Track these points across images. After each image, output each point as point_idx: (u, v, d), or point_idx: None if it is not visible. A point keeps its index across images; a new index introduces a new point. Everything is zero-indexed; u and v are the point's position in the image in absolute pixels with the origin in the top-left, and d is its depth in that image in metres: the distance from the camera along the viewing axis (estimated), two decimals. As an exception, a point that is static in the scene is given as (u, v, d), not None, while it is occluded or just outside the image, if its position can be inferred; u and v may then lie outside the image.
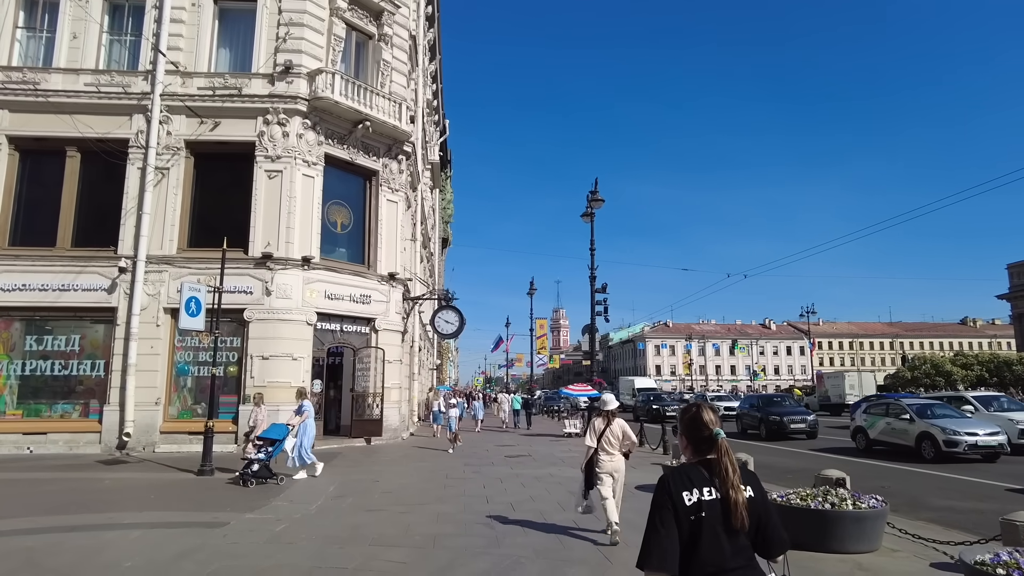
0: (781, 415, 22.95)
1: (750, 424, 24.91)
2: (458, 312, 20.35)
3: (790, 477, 12.68)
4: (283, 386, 16.84)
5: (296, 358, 17.11)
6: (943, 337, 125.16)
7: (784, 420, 22.55)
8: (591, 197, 24.17)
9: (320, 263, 18.00)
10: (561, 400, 39.35)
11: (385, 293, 19.56)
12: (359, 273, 19.07)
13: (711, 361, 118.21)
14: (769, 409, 24.10)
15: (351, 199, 19.70)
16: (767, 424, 23.09)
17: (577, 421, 23.36)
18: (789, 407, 25.14)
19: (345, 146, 19.12)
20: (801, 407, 27.84)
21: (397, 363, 19.77)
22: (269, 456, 11.53)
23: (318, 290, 17.82)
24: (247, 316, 16.94)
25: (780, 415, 22.96)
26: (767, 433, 22.94)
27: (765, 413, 23.67)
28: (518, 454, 16.92)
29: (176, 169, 17.56)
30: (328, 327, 18.28)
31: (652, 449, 18.03)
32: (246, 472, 11.20)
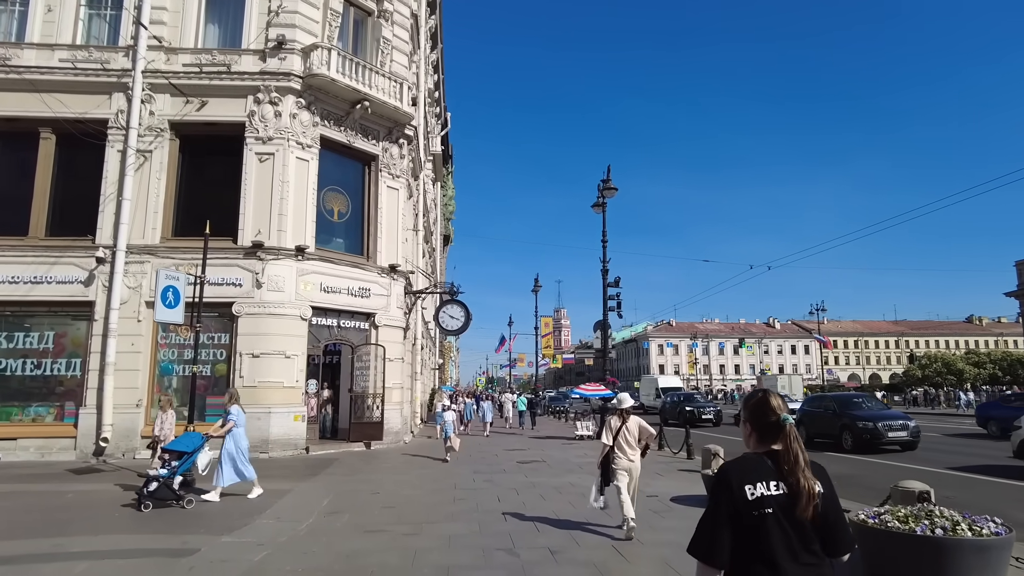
0: (874, 420, 17.98)
1: (821, 430, 19.79)
2: (464, 307, 19.01)
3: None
4: (275, 386, 15.55)
5: (289, 356, 15.78)
6: (949, 335, 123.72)
7: (878, 427, 17.57)
8: (603, 185, 22.88)
9: (315, 253, 16.67)
10: (572, 400, 37.92)
11: (385, 286, 18.23)
12: (357, 264, 17.74)
13: (715, 360, 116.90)
14: (853, 412, 18.96)
15: (349, 186, 18.37)
16: (854, 432, 18.04)
17: (590, 423, 22.05)
18: (879, 409, 20.06)
19: (342, 128, 17.79)
20: (897, 410, 24.01)
21: (399, 361, 18.44)
22: (173, 472, 9.33)
23: (313, 282, 16.49)
24: (236, 310, 15.61)
25: (873, 420, 17.98)
26: (855, 443, 17.82)
27: (850, 417, 18.65)
28: (530, 459, 15.59)
29: (159, 152, 16.22)
30: (324, 322, 16.94)
31: (674, 453, 16.69)
32: (142, 491, 9.03)
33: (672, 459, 15.93)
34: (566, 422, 33.05)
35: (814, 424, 20.09)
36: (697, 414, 30.14)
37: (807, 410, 21.35)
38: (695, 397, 35.43)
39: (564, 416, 35.24)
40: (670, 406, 33.23)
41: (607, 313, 22.94)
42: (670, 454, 16.92)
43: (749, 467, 2.14)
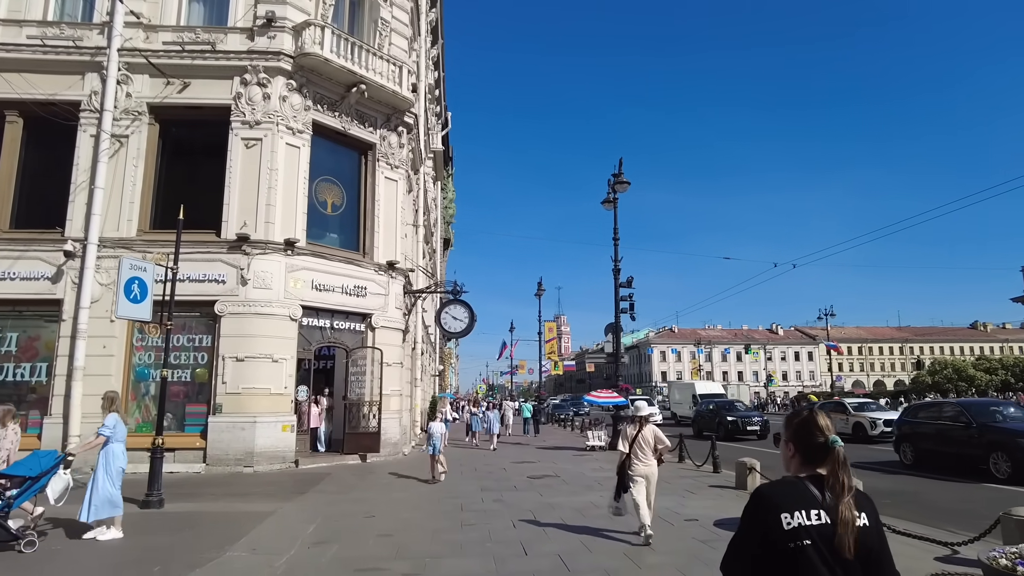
0: None
1: (940, 449, 14.82)
2: (468, 307, 17.60)
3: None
4: (262, 393, 14.14)
5: (277, 360, 14.37)
6: (954, 341, 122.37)
7: None
8: (615, 180, 21.56)
9: (306, 248, 15.29)
10: (587, 407, 37.23)
11: (383, 285, 16.83)
12: (352, 261, 16.35)
13: (718, 367, 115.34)
14: (1004, 425, 13.74)
15: (343, 176, 17.00)
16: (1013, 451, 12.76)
17: (602, 432, 20.60)
18: None
19: (337, 114, 16.44)
20: None
21: (397, 366, 17.02)
22: (8, 505, 7.04)
23: (304, 279, 15.10)
24: (219, 309, 14.21)
25: None
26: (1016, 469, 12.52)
27: (1001, 433, 13.29)
28: (542, 474, 14.16)
29: (137, 137, 14.86)
30: (316, 323, 15.54)
31: (697, 466, 15.27)
32: None
33: (697, 473, 14.51)
34: (572, 430, 31.61)
35: (925, 441, 15.33)
36: (741, 425, 25.37)
37: (914, 421, 16.24)
38: (735, 405, 29.46)
39: (571, 424, 33.76)
40: (706, 415, 28.42)
41: (619, 315, 21.57)
42: (693, 467, 15.51)
43: (788, 492, 1.96)
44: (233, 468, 13.63)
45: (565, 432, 31.31)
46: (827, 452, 1.99)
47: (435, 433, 12.90)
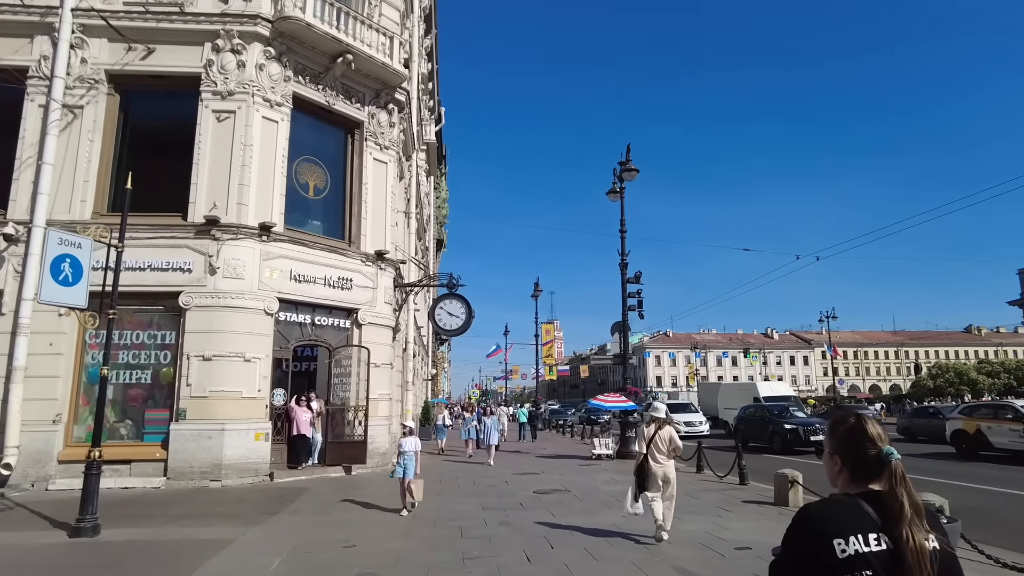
0: None
1: None
2: (465, 302, 15.93)
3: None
4: (232, 396, 12.47)
5: (250, 359, 12.70)
6: (948, 345, 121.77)
7: None
8: (622, 167, 20.03)
9: (284, 234, 13.65)
10: (603, 416, 32.05)
11: (371, 277, 15.18)
12: (337, 250, 14.70)
13: (713, 372, 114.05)
14: None
15: (328, 156, 15.38)
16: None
17: (608, 440, 18.99)
18: None
19: (320, 87, 14.83)
20: None
21: (386, 367, 15.37)
22: None
23: (281, 269, 13.45)
24: (184, 301, 12.53)
25: None
26: None
27: None
28: (549, 488, 12.52)
29: (93, 108, 13.18)
30: (295, 319, 13.88)
31: (720, 478, 13.72)
32: None
33: (721, 486, 12.96)
34: (572, 437, 29.99)
35: None
36: (803, 435, 20.39)
37: None
38: (789, 409, 23.89)
39: (570, 431, 32.12)
40: (754, 422, 23.75)
41: (627, 313, 20.00)
42: (715, 479, 13.96)
43: (840, 513, 1.68)
44: (198, 482, 11.93)
45: (564, 439, 29.66)
46: (882, 466, 1.72)
47: (408, 451, 9.71)
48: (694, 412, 30.22)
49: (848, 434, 1.82)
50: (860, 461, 1.77)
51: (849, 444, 1.81)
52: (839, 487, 1.84)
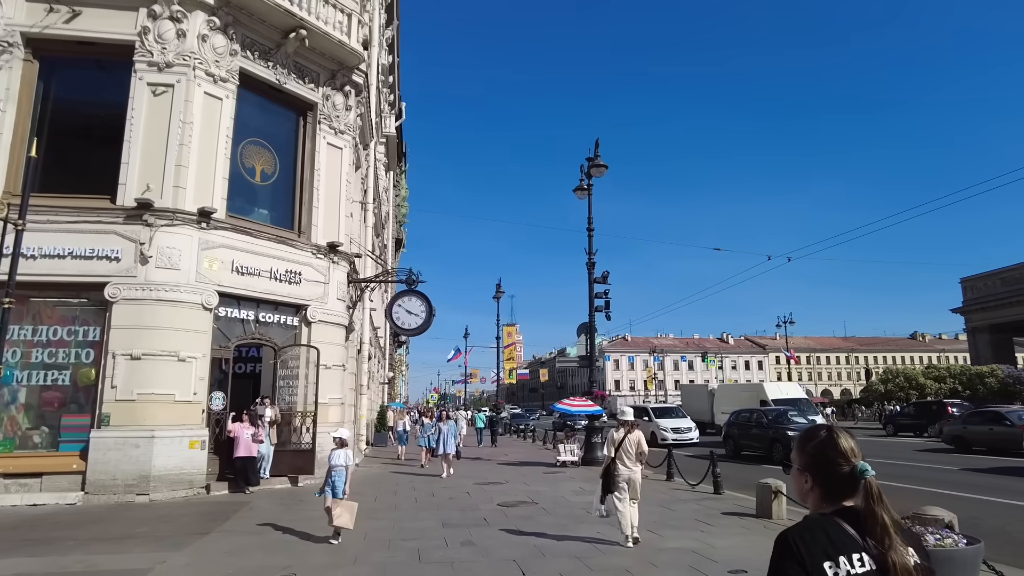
0: None
1: None
2: (425, 300, 14.87)
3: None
4: (163, 400, 11.20)
5: (185, 358, 11.44)
6: (895, 351, 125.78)
7: None
8: (590, 163, 19.33)
9: (226, 221, 12.42)
10: (581, 420, 30.14)
11: (322, 271, 14.04)
12: (285, 240, 13.52)
13: (671, 376, 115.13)
14: None
15: (277, 139, 14.20)
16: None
17: (574, 446, 18.19)
18: None
19: (271, 64, 13.65)
20: None
21: (338, 369, 14.23)
22: None
23: (222, 260, 12.22)
24: (110, 293, 11.20)
25: None
26: None
27: None
28: (515, 500, 11.59)
29: (6, 75, 11.74)
30: (237, 315, 12.66)
31: (692, 486, 13.04)
32: None
33: (695, 495, 12.27)
34: (534, 442, 29.14)
35: None
36: None
37: None
38: (788, 415, 20.96)
39: (532, 436, 31.26)
40: (749, 427, 21.21)
41: (594, 314, 19.28)
42: (686, 487, 13.28)
43: (822, 535, 1.58)
44: (122, 497, 10.62)
45: (526, 444, 28.78)
46: (855, 483, 1.65)
47: (338, 465, 8.14)
48: (681, 417, 27.47)
49: (819, 450, 1.72)
50: (833, 479, 1.68)
51: (821, 461, 1.70)
52: (811, 506, 1.74)
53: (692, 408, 35.39)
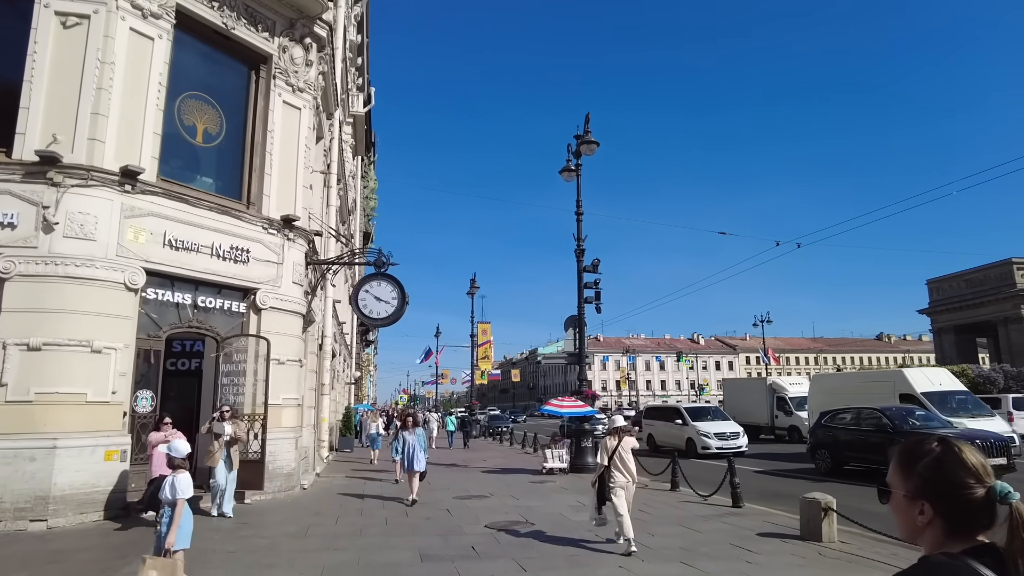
0: None
1: None
2: (397, 284, 12.74)
3: None
4: (70, 401, 9.04)
5: (101, 349, 9.28)
6: (862, 352, 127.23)
7: None
8: (579, 141, 17.57)
9: (158, 186, 10.28)
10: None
11: (275, 248, 11.94)
12: (230, 211, 11.39)
13: (642, 376, 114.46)
14: None
15: (224, 95, 12.07)
16: None
17: (563, 452, 16.37)
18: None
19: (217, 5, 11.52)
20: None
21: (294, 365, 12.14)
22: None
23: (152, 231, 10.08)
24: (2, 268, 8.97)
25: None
26: None
27: None
28: (506, 520, 9.67)
29: None
30: (170, 298, 10.51)
31: (704, 497, 11.34)
32: None
33: (712, 510, 10.59)
34: (512, 446, 27.26)
35: None
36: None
37: None
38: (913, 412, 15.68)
39: (510, 439, 29.35)
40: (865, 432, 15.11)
41: (583, 306, 17.50)
42: (696, 498, 11.58)
43: None
44: (10, 524, 8.41)
45: (503, 448, 26.88)
46: (993, 511, 1.27)
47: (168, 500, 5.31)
48: (723, 419, 22.13)
49: (937, 469, 1.33)
50: (961, 507, 1.29)
51: (942, 484, 1.31)
52: (928, 545, 1.34)
53: (740, 408, 29.30)
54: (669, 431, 22.50)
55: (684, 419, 21.85)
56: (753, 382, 37.49)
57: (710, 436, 20.42)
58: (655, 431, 23.66)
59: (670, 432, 22.33)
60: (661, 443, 22.56)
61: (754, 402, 29.75)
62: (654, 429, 23.78)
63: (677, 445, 20.31)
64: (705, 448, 20.10)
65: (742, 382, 45.08)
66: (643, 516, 9.97)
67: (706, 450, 20.00)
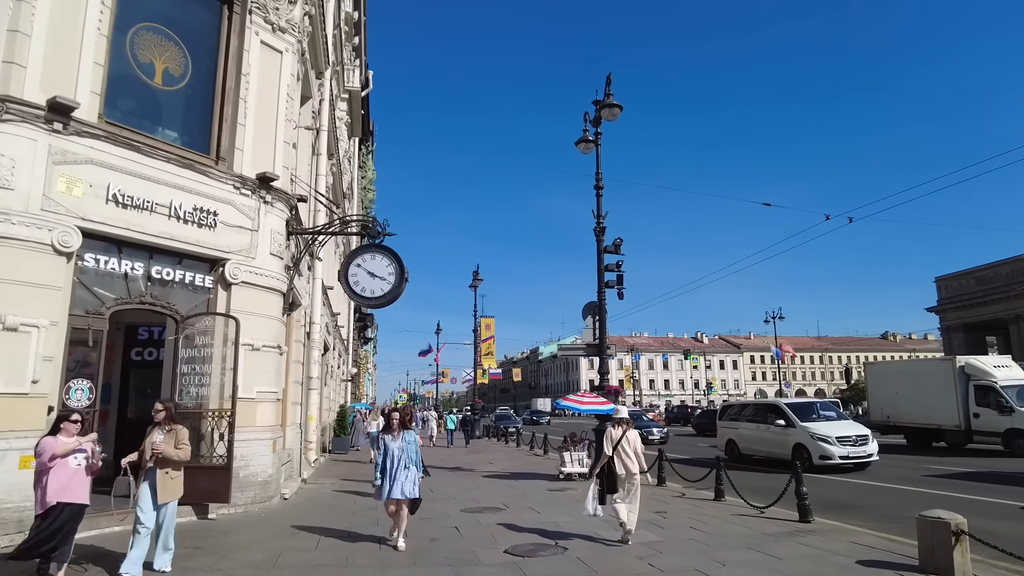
0: None
1: None
2: (395, 257, 10.67)
3: None
4: (-21, 393, 7.03)
5: (15, 326, 7.33)
6: (867, 351, 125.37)
7: None
8: (600, 104, 15.66)
9: (100, 127, 8.34)
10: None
11: (249, 212, 9.99)
12: (195, 164, 9.43)
13: (645, 375, 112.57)
14: None
15: (190, 32, 10.10)
16: None
17: (583, 455, 14.49)
18: None
19: (177, -81, 9.59)
20: None
21: (272, 352, 10.19)
22: None
23: (91, 182, 8.13)
24: None
25: None
26: None
27: None
28: (532, 543, 7.73)
29: None
30: (115, 266, 8.55)
31: (760, 510, 9.45)
32: None
33: (765, 521, 8.75)
34: (519, 447, 25.33)
35: None
36: None
37: None
38: None
39: (516, 439, 27.39)
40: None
41: (603, 290, 15.57)
42: (750, 510, 9.69)
43: None
44: None
45: (509, 449, 24.96)
46: None
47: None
48: (838, 417, 17.55)
49: None
50: None
51: None
52: None
53: (898, 403, 23.08)
54: (763, 436, 17.42)
55: (788, 419, 16.55)
56: (927, 365, 26.43)
57: (831, 441, 15.33)
58: (739, 436, 18.66)
59: (765, 437, 17.33)
60: (749, 451, 18.10)
61: (929, 394, 21.70)
62: (737, 433, 18.78)
63: (776, 454, 16.56)
64: (826, 458, 15.19)
65: (906, 366, 30.59)
66: (698, 535, 8.08)
67: (826, 460, 15.17)
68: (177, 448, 6.20)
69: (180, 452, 6.21)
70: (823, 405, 18.29)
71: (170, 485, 6.15)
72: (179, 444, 6.24)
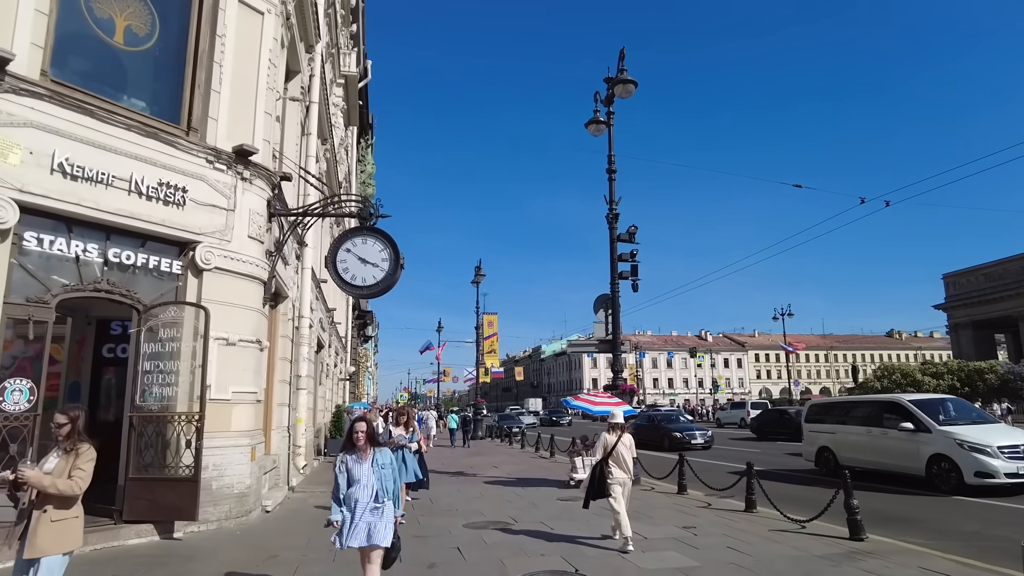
0: None
1: None
2: (389, 241, 9.52)
3: None
4: None
5: (-59, 318, 6.19)
6: (873, 349, 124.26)
7: None
8: (613, 82, 14.56)
9: (44, 85, 7.19)
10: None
11: (224, 189, 8.84)
12: (160, 133, 8.27)
13: (649, 374, 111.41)
14: None
15: (157, -12, 8.97)
16: None
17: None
18: None
19: None
20: None
21: (251, 347, 9.03)
22: None
23: (32, 148, 6.99)
24: None
25: None
26: None
27: None
28: (547, 568, 6.62)
29: None
30: (64, 248, 7.40)
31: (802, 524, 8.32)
32: None
33: (810, 538, 7.61)
34: (524, 448, 24.19)
35: None
36: None
37: None
38: None
39: (520, 440, 26.23)
40: None
41: (616, 282, 14.45)
42: (789, 524, 8.56)
43: None
44: None
45: (512, 451, 23.81)
46: None
47: None
48: (984, 420, 13.65)
49: None
50: None
51: None
52: None
53: None
54: (878, 443, 13.40)
55: (918, 421, 12.43)
56: None
57: (991, 452, 11.23)
58: (837, 442, 14.54)
59: (881, 445, 13.30)
60: (854, 462, 13.63)
61: None
62: (835, 439, 14.64)
63: (900, 467, 12.82)
64: (985, 475, 11.12)
65: None
66: (740, 558, 6.95)
67: (987, 479, 11.09)
68: (69, 477, 4.03)
69: (67, 484, 4.00)
70: (956, 403, 14.14)
71: (49, 533, 3.96)
72: (73, 471, 4.05)
